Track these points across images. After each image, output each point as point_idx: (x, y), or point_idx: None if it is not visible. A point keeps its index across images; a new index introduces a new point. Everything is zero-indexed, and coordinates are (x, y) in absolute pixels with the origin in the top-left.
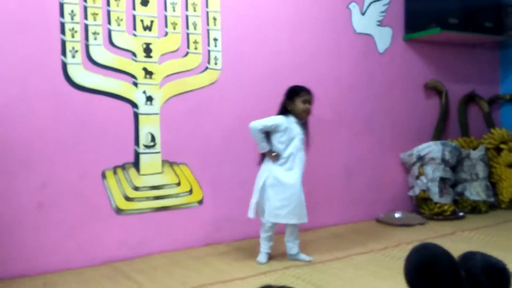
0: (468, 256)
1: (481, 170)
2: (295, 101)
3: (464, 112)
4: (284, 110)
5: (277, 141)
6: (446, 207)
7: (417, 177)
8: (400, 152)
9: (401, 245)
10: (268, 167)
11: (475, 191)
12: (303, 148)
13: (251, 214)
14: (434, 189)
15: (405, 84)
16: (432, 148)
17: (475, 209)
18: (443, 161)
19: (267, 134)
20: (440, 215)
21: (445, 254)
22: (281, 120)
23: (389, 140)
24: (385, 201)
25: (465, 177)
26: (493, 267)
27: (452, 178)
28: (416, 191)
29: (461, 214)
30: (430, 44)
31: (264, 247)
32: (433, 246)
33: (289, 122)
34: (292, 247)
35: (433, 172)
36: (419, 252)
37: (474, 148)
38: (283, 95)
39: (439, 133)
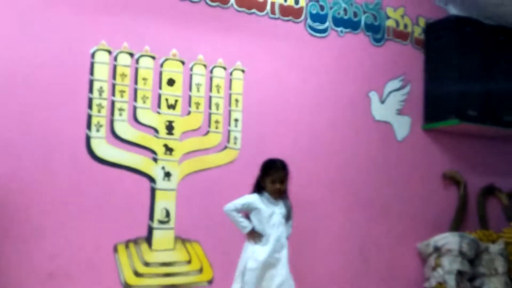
0: None
1: (500, 265)
2: (265, 180)
3: (483, 205)
4: (259, 187)
5: (256, 220)
6: None
7: (434, 269)
8: (416, 241)
9: None
10: (250, 248)
11: (494, 287)
12: (285, 224)
13: None
14: (451, 282)
15: (423, 173)
16: (449, 240)
17: None
18: (461, 253)
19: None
20: None
21: None
22: (253, 199)
23: (406, 227)
24: None
25: (483, 271)
26: None
27: (470, 272)
28: (432, 283)
29: None
30: (449, 135)
31: None
32: None
33: (263, 200)
34: None
35: (450, 264)
36: None
37: (493, 242)
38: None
39: (457, 225)
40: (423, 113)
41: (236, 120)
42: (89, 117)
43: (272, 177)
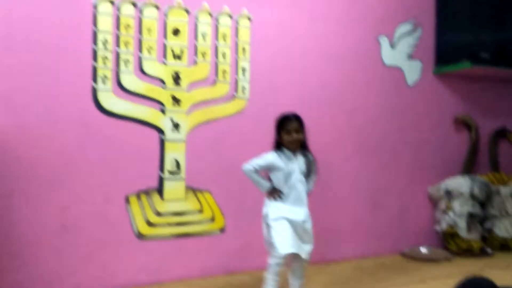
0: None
1: (511, 206)
2: (281, 134)
3: (494, 148)
4: (277, 144)
5: (275, 178)
6: (474, 244)
7: (445, 212)
8: (427, 186)
9: (425, 280)
10: (271, 204)
11: (505, 228)
12: (305, 181)
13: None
14: (462, 224)
15: (434, 117)
16: (460, 183)
17: (504, 246)
18: (472, 196)
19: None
20: (467, 252)
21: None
22: (271, 158)
23: (417, 173)
24: (410, 235)
25: (494, 213)
26: None
27: (481, 214)
28: (443, 226)
29: (489, 251)
30: (461, 78)
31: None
32: (481, 279)
33: (282, 157)
34: (293, 285)
35: (461, 207)
36: (467, 283)
37: (505, 184)
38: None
39: (468, 168)
40: (434, 57)
41: (243, 69)
42: (95, 69)
43: (286, 129)
